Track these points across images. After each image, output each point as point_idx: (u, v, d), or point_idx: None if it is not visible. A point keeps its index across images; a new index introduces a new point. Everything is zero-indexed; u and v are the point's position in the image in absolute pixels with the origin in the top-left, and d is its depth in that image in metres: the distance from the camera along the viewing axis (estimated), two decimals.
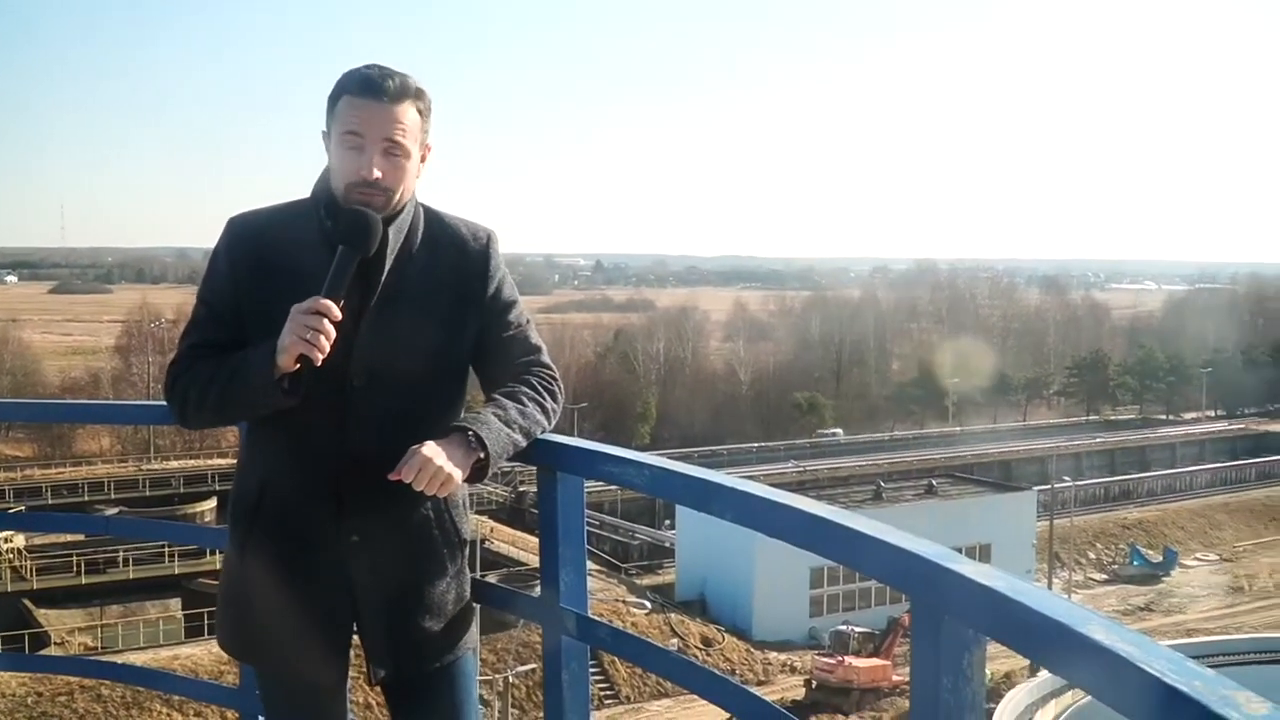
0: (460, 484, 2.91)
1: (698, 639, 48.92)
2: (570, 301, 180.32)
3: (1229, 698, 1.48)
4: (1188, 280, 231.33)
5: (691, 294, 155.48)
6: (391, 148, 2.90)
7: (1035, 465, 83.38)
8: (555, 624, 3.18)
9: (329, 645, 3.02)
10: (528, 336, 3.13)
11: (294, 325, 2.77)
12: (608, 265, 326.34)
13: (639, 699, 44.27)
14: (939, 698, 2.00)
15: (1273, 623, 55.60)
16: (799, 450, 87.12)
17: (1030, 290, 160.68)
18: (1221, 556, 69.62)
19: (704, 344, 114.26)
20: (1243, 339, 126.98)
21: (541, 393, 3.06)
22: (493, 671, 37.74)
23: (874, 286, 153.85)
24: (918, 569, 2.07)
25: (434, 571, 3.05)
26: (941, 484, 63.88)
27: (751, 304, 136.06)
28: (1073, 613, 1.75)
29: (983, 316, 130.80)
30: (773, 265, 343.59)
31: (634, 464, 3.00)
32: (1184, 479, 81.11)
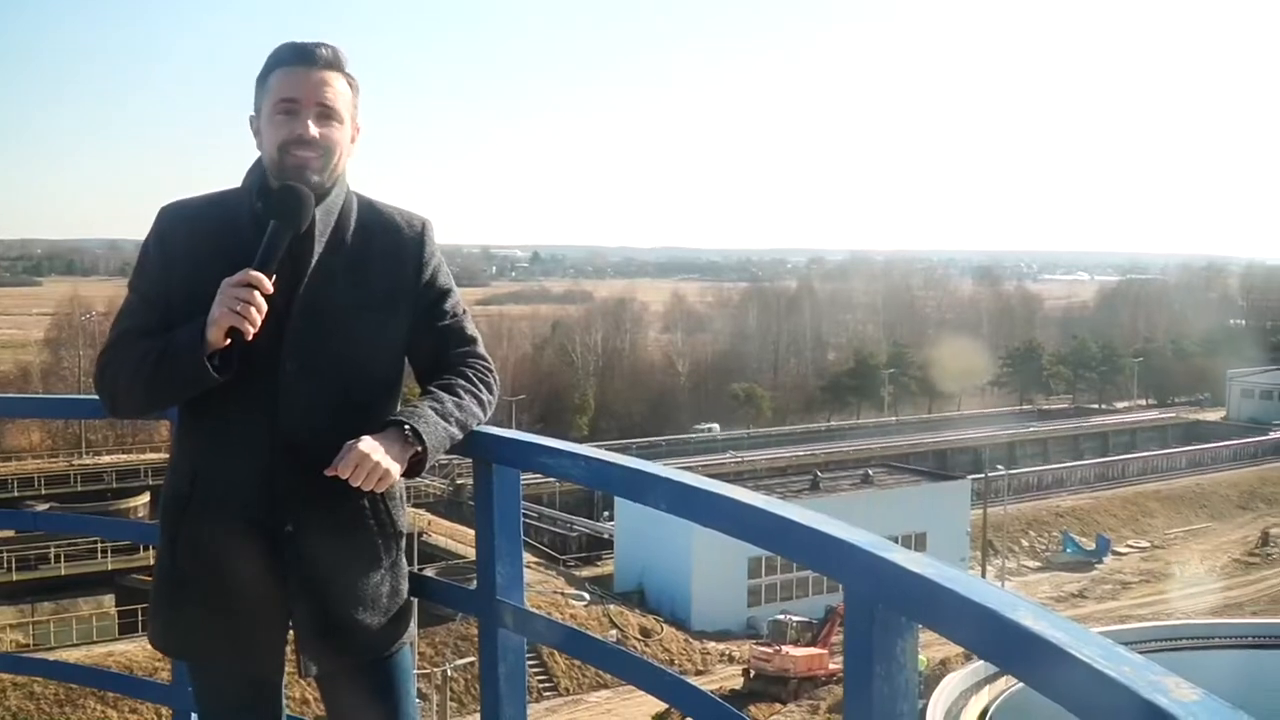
0: (398, 479, 2.89)
1: (636, 630, 49.01)
2: (507, 293, 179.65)
3: (1158, 683, 1.50)
4: (1119, 271, 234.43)
5: (629, 285, 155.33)
6: (326, 111, 2.89)
7: (969, 454, 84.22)
8: (491, 616, 3.17)
9: (262, 639, 2.97)
10: (463, 327, 3.11)
11: (224, 298, 2.74)
12: (545, 257, 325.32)
13: (578, 691, 44.29)
14: (872, 685, 2.02)
15: (1203, 609, 56.61)
16: (737, 441, 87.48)
17: (964, 281, 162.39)
18: (1153, 543, 70.71)
19: (642, 335, 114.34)
20: (1173, 329, 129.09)
21: (477, 385, 3.05)
22: (431, 665, 37.59)
23: (810, 278, 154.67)
24: (850, 558, 2.09)
25: (369, 564, 3.01)
26: (878, 474, 64.40)
27: (689, 295, 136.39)
28: (1002, 600, 1.77)
29: (918, 307, 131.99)
30: (710, 256, 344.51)
31: (570, 456, 3.00)
32: (1116, 467, 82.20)
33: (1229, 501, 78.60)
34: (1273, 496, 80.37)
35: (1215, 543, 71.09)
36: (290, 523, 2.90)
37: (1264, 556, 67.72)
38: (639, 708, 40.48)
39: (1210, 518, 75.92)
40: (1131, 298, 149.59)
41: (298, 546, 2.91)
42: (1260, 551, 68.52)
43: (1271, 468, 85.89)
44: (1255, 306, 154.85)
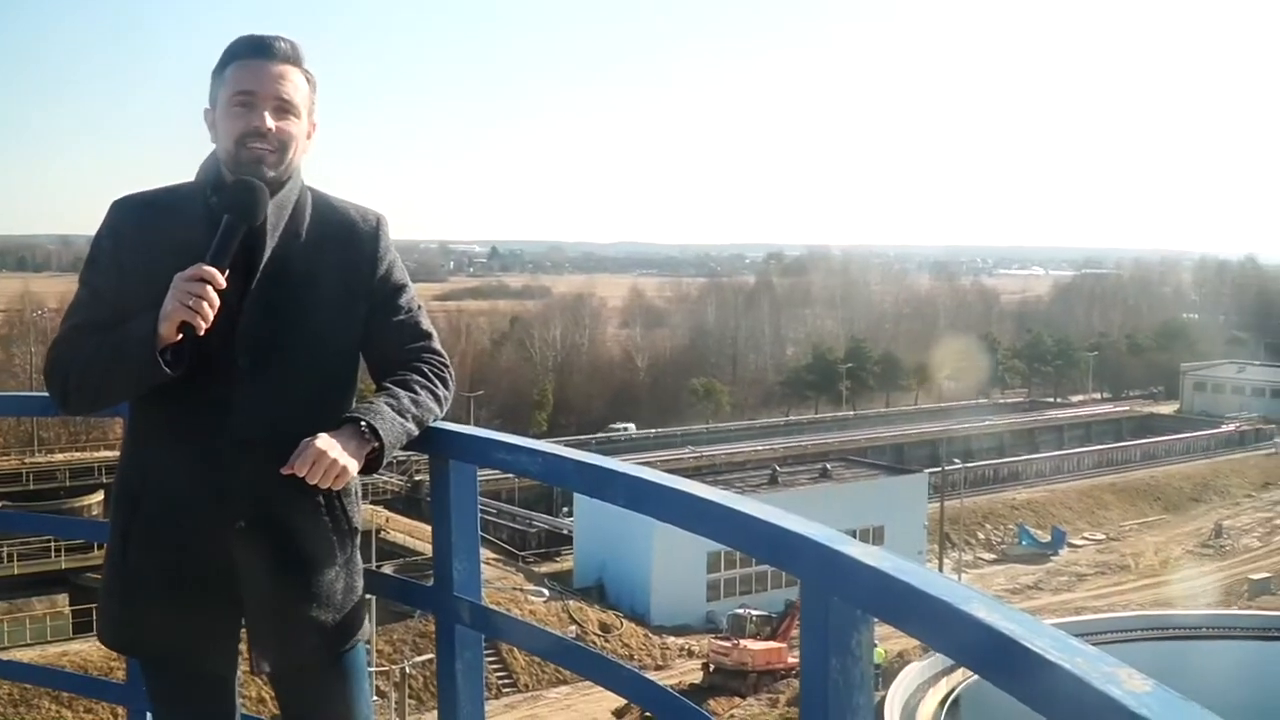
0: (354, 476, 2.87)
1: (596, 625, 49.00)
2: (465, 289, 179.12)
3: (1111, 674, 1.51)
4: (1074, 266, 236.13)
5: (588, 280, 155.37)
6: (283, 105, 2.87)
7: (927, 448, 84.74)
8: (449, 613, 3.17)
9: (215, 637, 2.95)
10: (418, 322, 3.09)
11: (176, 293, 2.71)
12: (503, 252, 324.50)
13: (538, 687, 44.22)
14: (828, 677, 2.03)
15: (1158, 600, 57.21)
16: (696, 436, 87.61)
17: (921, 276, 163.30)
18: (1108, 536, 71.39)
19: (601, 330, 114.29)
20: (1127, 323, 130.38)
21: (434, 380, 3.03)
22: (389, 662, 37.45)
23: (769, 273, 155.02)
24: (806, 551, 2.09)
25: (324, 561, 2.98)
26: (836, 468, 64.68)
27: (648, 290, 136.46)
28: (956, 592, 1.78)
29: (875, 302, 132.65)
30: (669, 252, 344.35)
31: (527, 451, 2.99)
32: (1071, 460, 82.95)
33: (1183, 494, 79.49)
34: (1225, 489, 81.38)
35: (1169, 535, 71.89)
36: (243, 519, 2.87)
37: (1217, 548, 68.55)
38: (598, 703, 40.52)
39: (1164, 510, 76.76)
40: (1086, 292, 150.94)
41: (251, 544, 2.88)
42: (1213, 543, 69.37)
43: (1224, 460, 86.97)
44: (1208, 300, 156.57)
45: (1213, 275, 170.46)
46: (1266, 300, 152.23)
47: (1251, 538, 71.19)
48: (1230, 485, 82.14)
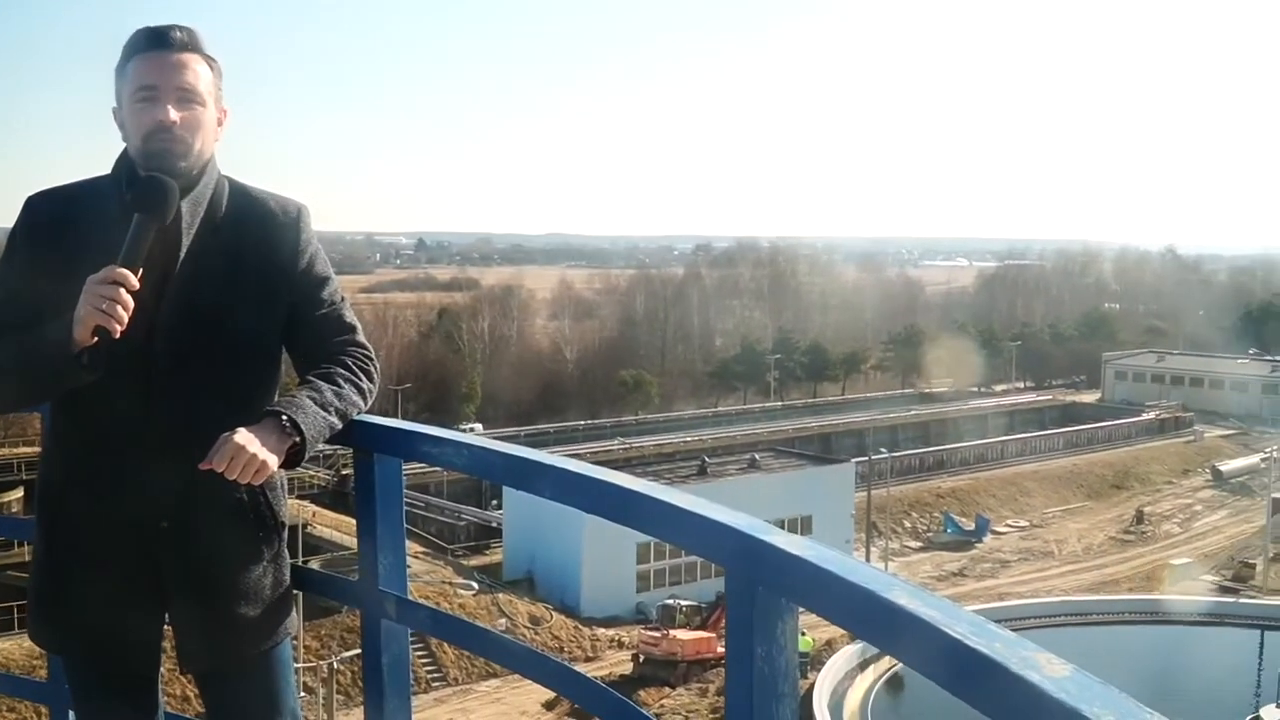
0: (275, 471, 2.84)
1: (526, 618, 48.93)
2: (392, 280, 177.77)
3: (1030, 659, 1.53)
4: (998, 257, 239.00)
5: (517, 272, 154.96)
6: (186, 95, 2.83)
7: (853, 438, 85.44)
8: (374, 607, 3.15)
9: (139, 635, 2.93)
10: (342, 315, 3.05)
11: (89, 296, 2.66)
12: (430, 244, 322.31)
13: (467, 680, 44.08)
14: (754, 666, 2.04)
15: (1081, 586, 58.23)
16: (625, 427, 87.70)
17: (848, 267, 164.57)
18: (1031, 523, 72.42)
19: (529, 322, 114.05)
20: (1050, 313, 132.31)
21: (357, 373, 3.00)
22: (317, 658, 37.10)
23: (697, 264, 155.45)
24: (731, 541, 2.10)
25: (250, 557, 2.96)
26: (764, 458, 64.98)
27: (577, 282, 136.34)
28: (879, 580, 1.80)
29: (803, 293, 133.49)
30: (598, 243, 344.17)
31: (453, 444, 2.98)
32: (995, 449, 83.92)
33: (1104, 481, 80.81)
34: (1146, 476, 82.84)
35: (1092, 521, 73.08)
36: (167, 518, 2.85)
37: (1139, 534, 69.82)
38: (528, 696, 40.47)
39: (1087, 497, 77.99)
40: (1010, 283, 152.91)
41: (175, 542, 2.86)
42: (1135, 529, 70.63)
43: (1145, 448, 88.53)
44: (1128, 291, 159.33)
45: (1133, 266, 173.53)
46: (1185, 290, 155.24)
47: (1172, 524, 72.60)
48: (1151, 472, 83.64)
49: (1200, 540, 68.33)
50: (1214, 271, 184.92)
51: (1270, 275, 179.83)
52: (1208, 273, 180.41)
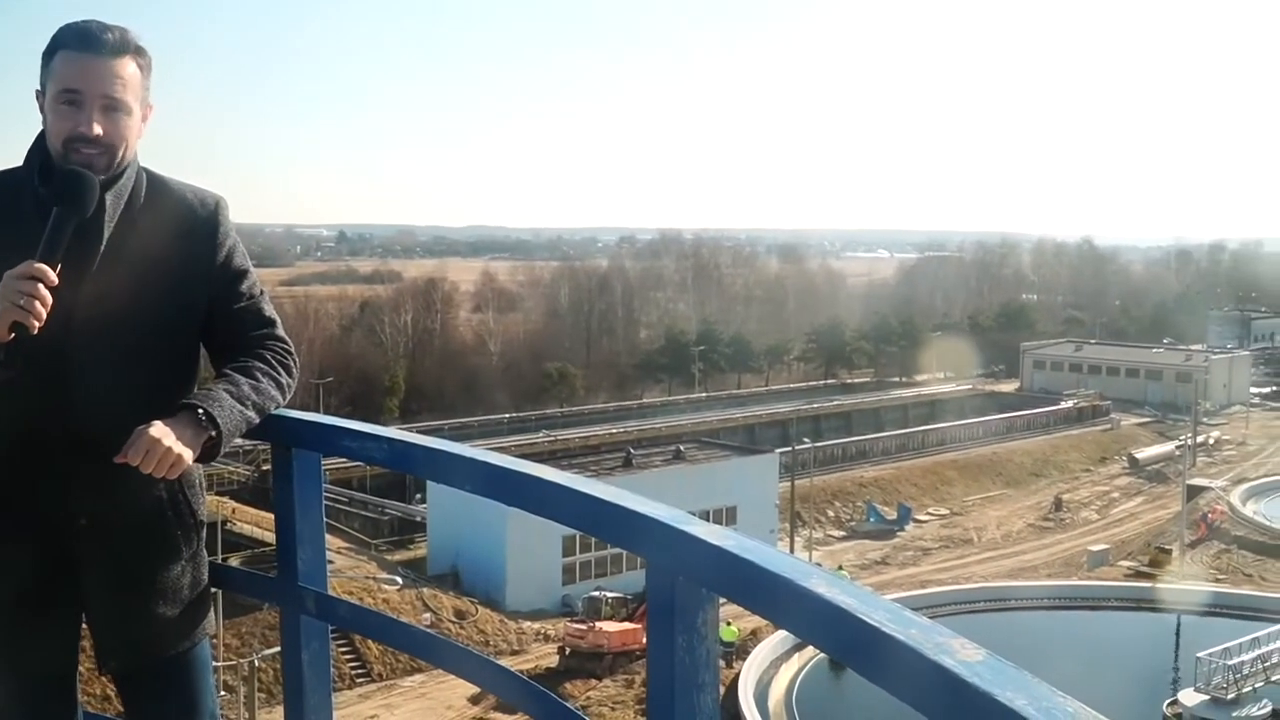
0: (191, 465, 2.80)
1: (451, 612, 48.68)
2: (313, 273, 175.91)
3: (944, 644, 1.55)
4: (918, 248, 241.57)
5: (439, 265, 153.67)
6: (112, 104, 2.77)
7: (777, 428, 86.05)
8: (294, 603, 3.12)
9: (57, 635, 2.89)
10: (261, 308, 3.02)
11: (6, 291, 2.61)
12: (352, 236, 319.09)
13: (392, 676, 43.75)
14: (674, 656, 2.05)
15: (1000, 572, 59.06)
16: (550, 420, 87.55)
17: (771, 259, 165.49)
18: (952, 511, 73.39)
19: (453, 315, 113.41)
20: (969, 304, 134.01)
21: (276, 367, 2.97)
22: (238, 657, 36.64)
23: (621, 256, 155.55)
24: (652, 532, 2.11)
25: (168, 555, 2.93)
26: (689, 449, 65.19)
27: (500, 274, 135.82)
28: (797, 568, 1.81)
29: (726, 285, 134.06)
30: (521, 235, 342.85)
31: (373, 438, 2.96)
32: (916, 438, 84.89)
33: (1024, 469, 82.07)
34: (1065, 464, 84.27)
35: (1011, 509, 74.19)
36: (84, 516, 2.81)
37: (1057, 521, 70.99)
38: (453, 691, 40.28)
39: (1006, 485, 79.14)
40: (930, 274, 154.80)
41: (92, 540, 2.82)
42: (1053, 516, 71.81)
43: (1063, 436, 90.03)
44: (1046, 282, 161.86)
45: (1051, 257, 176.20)
46: (1101, 281, 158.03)
47: (1090, 510, 73.92)
48: (1069, 460, 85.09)
49: (1117, 527, 69.61)
50: (1129, 262, 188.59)
51: (1184, 265, 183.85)
52: (1123, 264, 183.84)
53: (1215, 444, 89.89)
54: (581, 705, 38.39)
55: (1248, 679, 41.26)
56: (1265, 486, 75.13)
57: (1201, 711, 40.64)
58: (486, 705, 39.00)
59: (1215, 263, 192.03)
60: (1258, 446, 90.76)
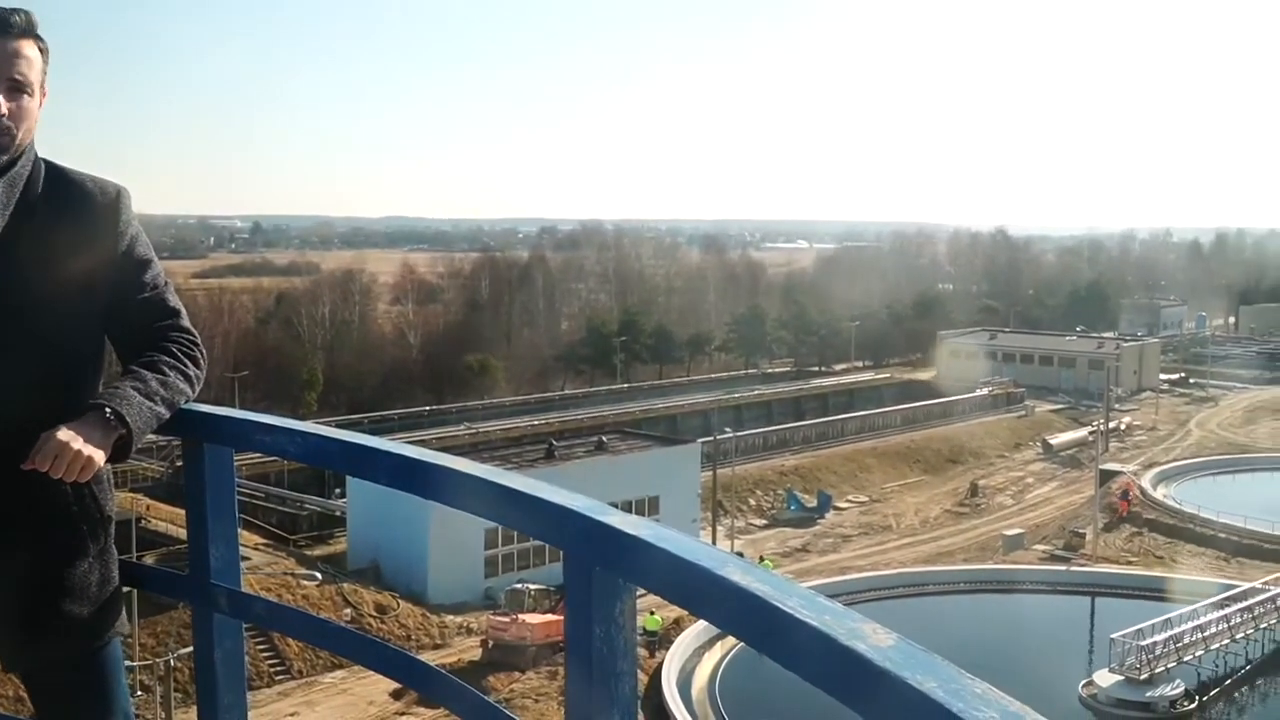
0: (102, 466, 2.75)
1: (372, 607, 48.30)
2: (227, 265, 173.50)
3: (856, 630, 1.57)
4: (836, 239, 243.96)
5: (357, 256, 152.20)
6: (18, 85, 2.73)
7: (699, 418, 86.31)
8: (206, 601, 3.08)
9: None
10: (165, 299, 2.97)
11: None
12: (267, 227, 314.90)
13: (312, 673, 43.29)
14: (592, 646, 2.05)
15: (918, 558, 59.84)
16: (471, 412, 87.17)
17: (691, 250, 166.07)
18: (871, 498, 74.16)
19: (371, 307, 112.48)
20: (887, 293, 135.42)
21: (183, 360, 2.92)
22: (153, 656, 36.09)
23: (542, 247, 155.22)
24: (569, 523, 2.11)
25: (76, 555, 2.87)
26: (611, 440, 65.23)
27: (419, 266, 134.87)
28: (713, 557, 1.82)
29: (647, 275, 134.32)
30: (440, 226, 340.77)
31: (286, 432, 2.92)
32: (836, 426, 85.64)
33: (941, 456, 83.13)
34: (980, 450, 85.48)
35: (928, 495, 75.15)
36: None
37: (973, 507, 72.02)
38: (375, 687, 39.98)
39: (924, 472, 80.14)
40: (848, 264, 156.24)
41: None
42: (969, 502, 72.84)
43: (979, 423, 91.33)
44: (962, 271, 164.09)
45: (966, 247, 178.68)
46: (1015, 270, 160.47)
47: (1005, 496, 75.07)
48: (984, 447, 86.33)
49: (1032, 511, 70.76)
50: (1042, 252, 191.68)
51: (1096, 255, 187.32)
52: (1036, 253, 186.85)
53: (1127, 429, 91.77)
54: (505, 698, 38.35)
55: (1160, 659, 42.19)
56: (1175, 470, 76.91)
57: (1116, 692, 41.49)
58: (409, 701, 38.76)
59: (1126, 252, 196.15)
60: (1168, 431, 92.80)
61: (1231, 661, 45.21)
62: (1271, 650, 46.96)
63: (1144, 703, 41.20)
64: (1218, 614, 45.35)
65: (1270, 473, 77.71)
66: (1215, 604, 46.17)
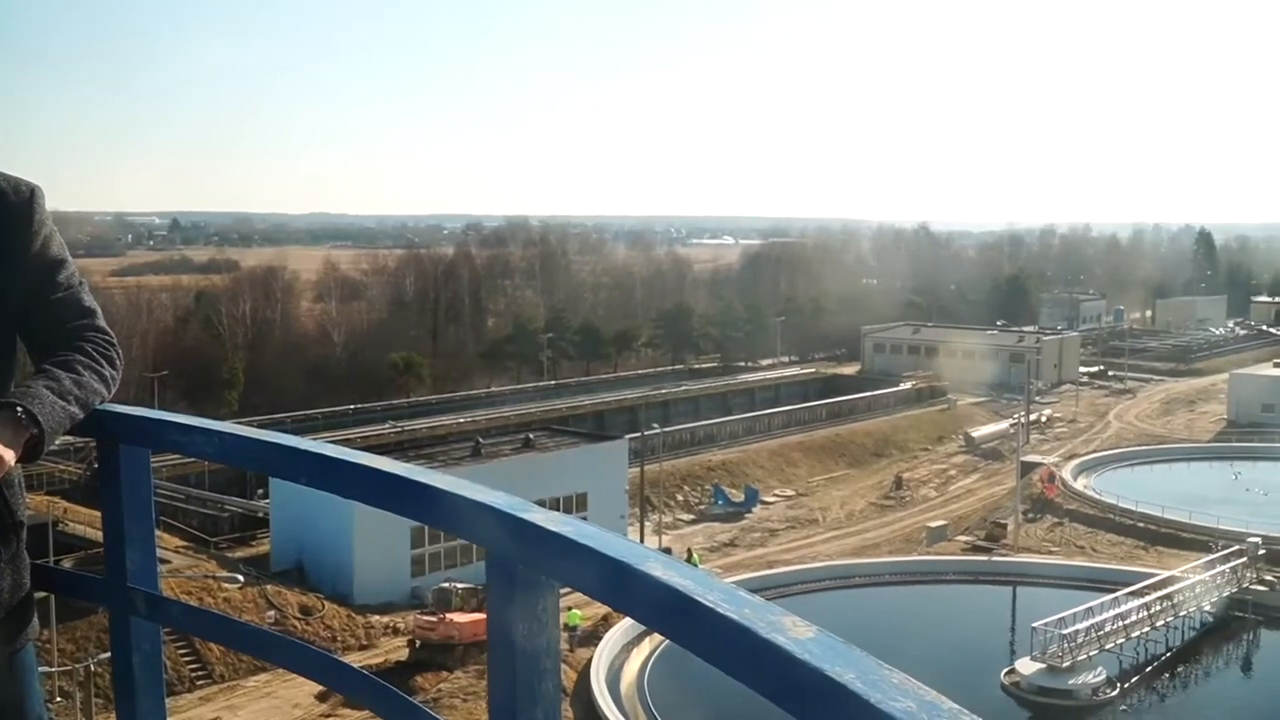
0: (12, 466, 2.69)
1: (296, 609, 47.79)
2: (145, 263, 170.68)
3: (777, 623, 1.58)
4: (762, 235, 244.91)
5: (279, 253, 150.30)
6: None
7: (626, 414, 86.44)
8: (123, 605, 3.03)
9: None
10: (80, 299, 2.93)
11: None
12: (186, 224, 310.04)
13: (235, 676, 42.72)
14: (515, 644, 2.04)
15: (844, 550, 60.39)
16: (397, 410, 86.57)
17: (617, 246, 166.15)
18: (797, 492, 74.67)
19: (294, 305, 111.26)
20: (812, 288, 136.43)
21: (98, 360, 2.88)
22: (73, 661, 35.48)
23: (467, 244, 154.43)
24: (491, 521, 2.10)
25: None
26: (539, 437, 65.06)
27: (343, 263, 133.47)
28: (634, 553, 1.82)
29: (574, 272, 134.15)
30: (364, 223, 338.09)
31: (204, 432, 2.88)
32: (762, 421, 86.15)
33: (865, 449, 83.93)
34: (904, 443, 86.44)
35: (854, 488, 75.83)
36: None
37: (897, 499, 72.78)
38: (300, 689, 39.58)
39: (849, 465, 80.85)
40: (774, 260, 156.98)
41: None
42: (894, 495, 73.59)
43: (903, 416, 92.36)
44: (885, 266, 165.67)
45: (889, 243, 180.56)
46: (938, 265, 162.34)
47: (929, 488, 75.96)
48: (908, 440, 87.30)
49: (955, 503, 71.66)
50: (964, 247, 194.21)
51: (1016, 250, 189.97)
52: (958, 249, 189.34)
53: (1047, 422, 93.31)
54: (433, 697, 38.19)
55: (1082, 647, 42.93)
56: (1095, 461, 78.37)
57: (1038, 680, 42.15)
58: (334, 703, 38.43)
59: (1046, 247, 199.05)
60: (1087, 423, 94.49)
61: (1152, 649, 46.14)
62: (1191, 637, 48.00)
63: (1066, 690, 41.90)
64: (1138, 602, 46.23)
65: (1186, 462, 79.51)
66: (1135, 592, 47.06)
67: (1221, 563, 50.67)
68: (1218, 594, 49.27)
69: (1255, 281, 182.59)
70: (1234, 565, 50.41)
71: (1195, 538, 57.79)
